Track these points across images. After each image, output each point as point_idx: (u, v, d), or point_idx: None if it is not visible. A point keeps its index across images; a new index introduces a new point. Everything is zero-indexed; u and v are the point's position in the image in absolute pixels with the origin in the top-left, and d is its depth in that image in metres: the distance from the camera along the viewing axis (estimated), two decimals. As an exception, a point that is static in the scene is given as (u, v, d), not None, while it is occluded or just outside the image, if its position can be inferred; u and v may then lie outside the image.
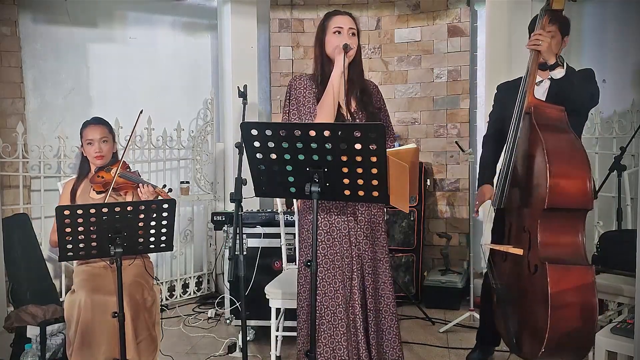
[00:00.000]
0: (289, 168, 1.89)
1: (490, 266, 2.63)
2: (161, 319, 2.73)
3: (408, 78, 4.70)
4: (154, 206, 2.29)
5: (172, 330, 3.66)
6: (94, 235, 2.23)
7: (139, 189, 2.62)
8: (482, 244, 2.80)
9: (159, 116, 4.17)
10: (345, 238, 2.25)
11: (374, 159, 1.82)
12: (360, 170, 1.85)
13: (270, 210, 3.68)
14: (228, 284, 3.51)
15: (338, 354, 2.20)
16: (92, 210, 2.18)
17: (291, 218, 3.27)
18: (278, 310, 2.79)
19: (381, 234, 2.35)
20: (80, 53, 4.21)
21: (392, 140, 2.44)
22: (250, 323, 3.35)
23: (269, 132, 1.84)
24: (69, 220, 2.16)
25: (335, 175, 1.88)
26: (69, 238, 2.20)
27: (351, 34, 2.29)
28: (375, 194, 1.90)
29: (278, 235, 3.23)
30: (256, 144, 1.87)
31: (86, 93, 4.23)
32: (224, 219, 3.70)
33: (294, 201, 3.16)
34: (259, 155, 1.90)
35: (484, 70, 4.33)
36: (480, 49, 4.53)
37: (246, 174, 2.08)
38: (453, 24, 4.56)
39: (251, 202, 3.36)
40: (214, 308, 3.94)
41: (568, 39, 2.70)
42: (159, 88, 4.47)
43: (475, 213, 2.92)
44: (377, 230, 2.33)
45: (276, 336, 2.84)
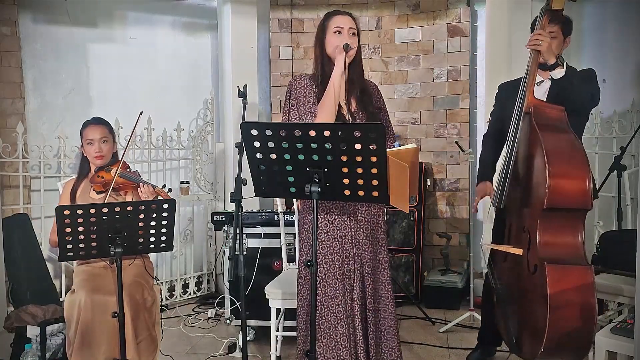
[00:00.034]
0: (289, 168, 1.89)
1: (490, 266, 2.64)
2: (161, 319, 2.73)
3: (408, 78, 4.70)
4: (154, 206, 2.29)
5: (172, 330, 3.66)
6: (94, 235, 2.23)
7: (139, 189, 2.62)
8: (482, 244, 2.80)
9: (159, 116, 4.18)
10: (345, 238, 2.25)
11: (374, 159, 1.82)
12: (360, 170, 1.85)
13: (270, 210, 3.68)
14: (228, 284, 3.51)
15: (338, 353, 2.20)
16: (92, 210, 2.18)
17: (291, 218, 3.27)
18: (278, 310, 2.79)
19: (381, 234, 2.34)
20: (80, 53, 4.21)
21: (392, 140, 2.44)
22: (250, 323, 3.35)
23: (269, 132, 1.84)
24: (69, 220, 2.16)
25: (335, 175, 1.88)
26: (69, 238, 2.20)
27: (351, 34, 2.29)
28: (375, 194, 1.90)
29: (278, 235, 3.23)
30: (256, 144, 1.87)
31: (86, 93, 4.23)
32: (224, 219, 3.70)
33: (293, 201, 3.16)
34: (259, 155, 1.90)
35: (484, 70, 4.33)
36: (480, 49, 4.53)
37: (246, 174, 2.08)
38: (453, 24, 4.56)
39: (251, 202, 3.36)
40: (214, 308, 3.94)
41: (570, 39, 2.71)
42: (159, 88, 4.47)
43: (473, 209, 2.92)
44: (377, 230, 2.33)
45: (276, 336, 2.84)
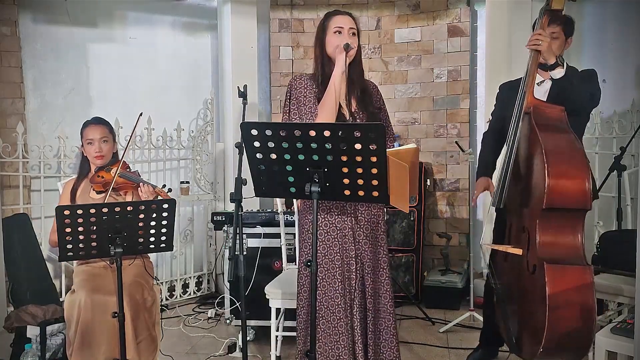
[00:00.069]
0: (289, 168, 1.89)
1: (491, 266, 2.64)
2: (161, 319, 2.73)
3: (408, 78, 4.70)
4: (154, 206, 2.29)
5: (172, 330, 3.66)
6: (94, 235, 2.23)
7: (139, 189, 2.62)
8: (482, 244, 2.80)
9: (159, 116, 4.18)
10: (346, 238, 2.25)
11: (374, 159, 1.82)
12: (360, 170, 1.85)
13: (270, 210, 3.68)
14: (228, 284, 3.51)
15: (337, 353, 2.19)
16: (92, 210, 2.18)
17: (291, 218, 3.27)
18: (278, 310, 2.79)
19: (381, 234, 2.34)
20: (80, 53, 4.21)
21: (392, 140, 2.44)
22: (250, 323, 3.35)
23: (269, 132, 1.84)
24: (69, 220, 2.16)
25: (335, 175, 1.88)
26: (69, 238, 2.20)
27: (351, 33, 2.29)
28: (375, 194, 1.89)
29: (278, 235, 3.23)
30: (256, 144, 1.86)
31: (86, 93, 4.23)
32: (224, 219, 3.70)
33: (293, 201, 3.16)
34: (259, 155, 1.89)
35: (484, 70, 4.33)
36: (480, 49, 4.53)
37: (246, 174, 2.08)
38: (453, 24, 4.56)
39: (251, 202, 3.36)
40: (214, 308, 3.94)
41: (572, 40, 2.70)
42: (159, 88, 4.47)
43: (473, 203, 2.92)
44: (377, 230, 2.33)
45: (276, 336, 2.84)
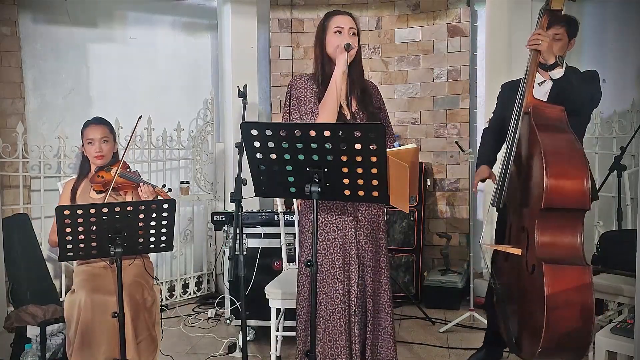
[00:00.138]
0: (289, 168, 1.89)
1: (491, 266, 2.63)
2: (161, 319, 2.73)
3: (408, 78, 4.70)
4: (154, 206, 2.29)
5: (172, 330, 3.66)
6: (94, 235, 2.23)
7: (139, 189, 2.62)
8: (482, 243, 2.80)
9: (159, 116, 4.18)
10: (346, 238, 2.25)
11: (374, 159, 1.82)
12: (360, 170, 1.85)
13: (270, 210, 3.68)
14: (228, 284, 3.51)
15: (336, 352, 2.20)
16: (92, 210, 2.18)
17: (291, 218, 3.27)
18: (278, 310, 2.79)
19: (381, 234, 2.34)
20: (80, 53, 4.21)
21: (392, 140, 2.44)
22: (250, 323, 3.35)
23: (269, 132, 1.84)
24: (69, 220, 2.16)
25: (335, 175, 1.88)
26: (69, 238, 2.20)
27: (352, 33, 2.29)
28: (375, 194, 1.89)
29: (278, 235, 3.23)
30: (256, 144, 1.86)
31: (86, 93, 4.23)
32: (224, 219, 3.70)
33: (294, 201, 3.16)
34: (259, 155, 1.89)
35: (484, 70, 4.34)
36: (480, 49, 4.53)
37: (246, 174, 2.08)
38: (453, 24, 4.56)
39: (251, 202, 3.36)
40: (214, 308, 3.94)
41: (574, 41, 2.69)
42: (159, 88, 4.47)
43: (474, 189, 2.89)
44: (377, 230, 2.33)
45: (276, 336, 2.84)
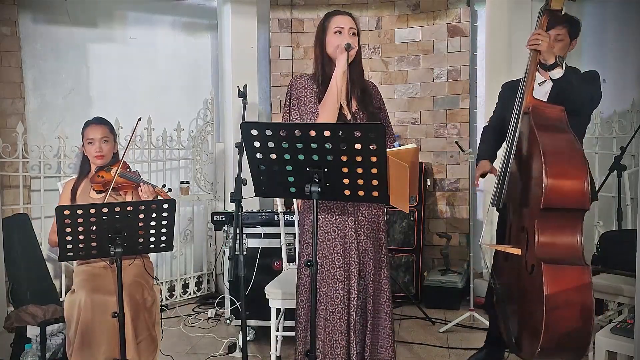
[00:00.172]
0: (289, 168, 1.89)
1: (492, 266, 2.63)
2: (161, 319, 2.73)
3: (408, 78, 4.70)
4: (154, 206, 2.29)
5: (172, 330, 3.66)
6: (94, 235, 2.23)
7: (139, 189, 2.62)
8: (481, 244, 2.80)
9: (159, 116, 4.18)
10: (347, 238, 2.25)
11: (374, 159, 1.82)
12: (360, 170, 1.85)
13: (270, 210, 3.68)
14: (228, 284, 3.51)
15: (335, 352, 2.20)
16: (92, 210, 2.18)
17: (291, 218, 3.27)
18: (278, 310, 2.79)
19: (381, 234, 2.34)
20: (80, 53, 4.21)
21: (392, 140, 2.44)
22: (250, 323, 3.35)
23: (269, 132, 1.84)
24: (69, 220, 2.16)
25: (335, 175, 1.88)
26: (69, 238, 2.20)
27: (352, 34, 2.29)
28: (375, 194, 1.89)
29: (278, 235, 3.22)
30: (256, 144, 1.86)
31: (86, 93, 4.23)
32: (224, 219, 3.70)
33: (293, 201, 3.16)
34: (259, 155, 1.89)
35: (484, 70, 4.34)
36: (480, 49, 4.53)
37: (246, 174, 2.08)
38: (453, 24, 4.56)
39: (251, 202, 3.36)
40: (214, 308, 3.94)
41: (576, 42, 2.69)
42: (159, 88, 4.47)
43: (475, 183, 2.86)
44: (378, 230, 2.33)
45: (276, 336, 2.84)
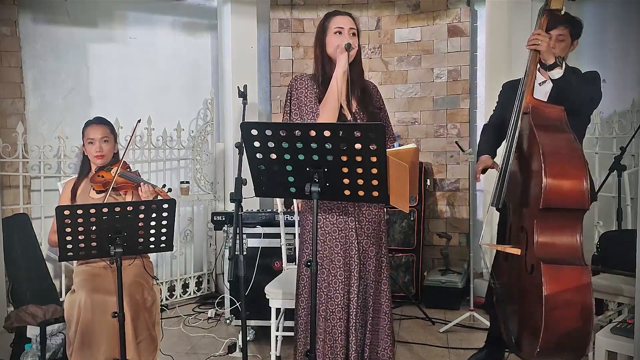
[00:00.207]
0: (289, 168, 1.89)
1: (492, 266, 2.63)
2: (161, 319, 2.73)
3: (408, 78, 4.70)
4: (154, 206, 2.29)
5: (172, 330, 3.66)
6: (94, 235, 2.23)
7: (139, 189, 2.62)
8: (481, 244, 2.80)
9: (159, 116, 4.18)
10: (347, 238, 2.25)
11: (374, 159, 1.82)
12: (360, 170, 1.85)
13: (270, 210, 3.68)
14: (228, 284, 3.51)
15: (335, 352, 2.20)
16: (92, 210, 2.18)
17: (291, 218, 3.27)
18: (278, 310, 2.79)
19: (381, 234, 2.34)
20: (80, 53, 4.21)
21: (392, 140, 2.44)
22: (250, 323, 3.35)
23: (269, 132, 1.84)
24: (69, 220, 2.16)
25: (335, 175, 1.87)
26: (69, 238, 2.20)
27: (352, 34, 2.29)
28: (375, 194, 1.89)
29: (278, 235, 3.22)
30: (256, 144, 1.86)
31: (86, 93, 4.23)
32: (224, 219, 3.70)
33: (293, 201, 3.16)
34: (259, 155, 1.89)
35: (484, 70, 4.34)
36: (480, 49, 4.53)
37: (246, 174, 2.08)
38: (453, 24, 4.56)
39: (251, 202, 3.36)
40: (214, 308, 3.94)
41: (577, 43, 2.69)
42: (159, 88, 4.47)
43: (477, 179, 2.79)
44: (378, 230, 2.33)
45: (276, 336, 2.84)
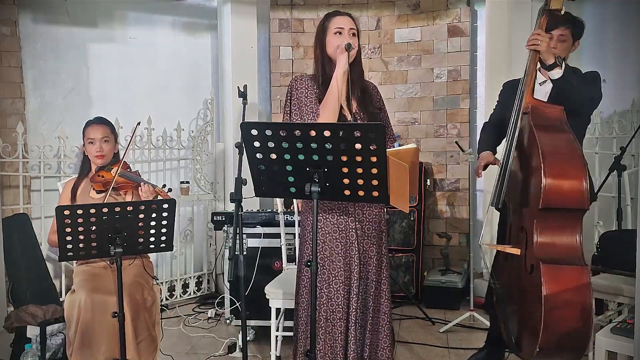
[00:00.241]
0: (289, 168, 1.89)
1: (492, 266, 2.63)
2: (161, 319, 2.73)
3: (408, 78, 4.70)
4: (154, 206, 2.29)
5: (172, 330, 3.66)
6: (94, 235, 2.23)
7: (139, 189, 2.62)
8: (481, 243, 2.80)
9: (159, 116, 4.18)
10: (348, 239, 2.25)
11: (374, 159, 1.82)
12: (360, 170, 1.85)
13: (270, 210, 3.68)
14: (228, 284, 3.51)
15: (335, 351, 2.20)
16: (92, 210, 2.18)
17: (291, 218, 3.27)
18: (278, 310, 2.79)
19: (381, 234, 2.34)
20: (80, 53, 4.21)
21: (392, 141, 2.44)
22: (250, 323, 3.35)
23: (269, 132, 1.84)
24: (69, 220, 2.16)
25: (335, 175, 1.88)
26: (69, 238, 2.20)
27: (352, 34, 2.29)
28: (375, 194, 1.89)
29: (278, 235, 3.22)
30: (256, 144, 1.86)
31: (86, 93, 4.23)
32: (224, 219, 3.70)
33: (293, 201, 3.16)
34: (259, 155, 1.89)
35: (484, 70, 4.34)
36: (480, 49, 4.53)
37: (246, 174, 2.08)
38: (453, 24, 4.56)
39: (251, 202, 3.36)
40: (214, 308, 3.94)
41: (579, 43, 2.68)
42: (159, 88, 4.47)
43: (480, 175, 2.79)
44: (378, 230, 2.33)
45: (276, 336, 2.84)
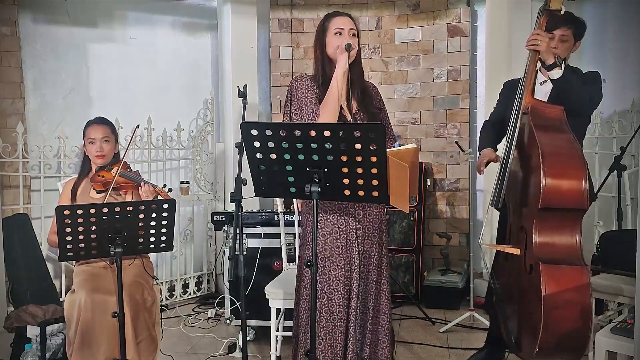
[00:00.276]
0: (289, 168, 1.89)
1: (492, 266, 2.63)
2: (161, 319, 2.73)
3: (408, 78, 4.70)
4: (154, 206, 2.29)
5: (172, 330, 3.66)
6: (94, 235, 2.23)
7: (140, 189, 2.63)
8: (481, 243, 2.80)
9: (159, 116, 4.18)
10: (348, 239, 2.25)
11: (374, 159, 1.82)
12: (360, 170, 1.85)
13: (270, 210, 3.68)
14: (228, 284, 3.51)
15: (335, 351, 2.20)
16: (92, 210, 2.18)
17: (291, 218, 3.27)
18: (278, 310, 2.79)
19: (381, 234, 2.34)
20: (80, 53, 4.21)
21: (392, 141, 2.44)
22: (250, 323, 3.35)
23: (269, 132, 1.84)
24: (69, 220, 2.16)
25: (335, 175, 1.88)
26: (69, 238, 2.20)
27: (352, 34, 2.29)
28: (375, 194, 1.90)
29: (278, 235, 3.22)
30: (256, 144, 1.87)
31: (86, 93, 4.23)
32: (224, 219, 3.70)
33: (294, 201, 3.16)
34: (259, 155, 1.90)
35: (484, 70, 4.34)
36: (480, 49, 4.53)
37: (246, 174, 2.08)
38: (453, 24, 4.56)
39: (251, 202, 3.36)
40: (214, 308, 3.94)
41: (580, 43, 2.68)
42: (159, 88, 4.47)
43: (482, 172, 2.78)
44: (379, 230, 2.33)
45: (276, 336, 2.84)
